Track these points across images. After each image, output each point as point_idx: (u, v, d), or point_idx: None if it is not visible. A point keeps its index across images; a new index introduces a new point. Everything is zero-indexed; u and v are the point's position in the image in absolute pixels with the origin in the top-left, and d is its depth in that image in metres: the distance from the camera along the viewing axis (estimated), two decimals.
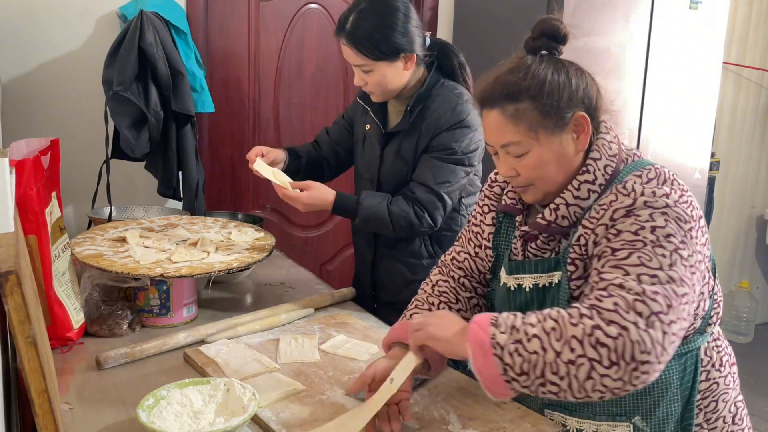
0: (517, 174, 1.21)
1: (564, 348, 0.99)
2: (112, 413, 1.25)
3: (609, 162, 1.20)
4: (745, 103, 4.16)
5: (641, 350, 0.97)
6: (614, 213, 1.12)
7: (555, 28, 1.21)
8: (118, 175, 2.32)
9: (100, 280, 1.61)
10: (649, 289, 1.01)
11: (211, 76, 2.75)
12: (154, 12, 2.22)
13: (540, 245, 1.24)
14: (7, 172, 1.05)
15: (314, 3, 2.93)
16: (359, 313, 1.79)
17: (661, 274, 1.03)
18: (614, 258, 1.07)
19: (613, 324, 0.99)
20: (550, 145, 1.17)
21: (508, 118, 1.17)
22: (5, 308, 0.90)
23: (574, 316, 1.02)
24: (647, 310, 0.99)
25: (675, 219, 1.08)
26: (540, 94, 1.15)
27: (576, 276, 1.18)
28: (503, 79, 1.18)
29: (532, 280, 1.24)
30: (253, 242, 1.83)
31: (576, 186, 1.19)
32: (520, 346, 1.02)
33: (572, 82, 1.17)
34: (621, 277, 1.04)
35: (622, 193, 1.14)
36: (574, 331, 1.00)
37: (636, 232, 1.08)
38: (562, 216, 1.19)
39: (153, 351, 1.48)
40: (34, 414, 0.93)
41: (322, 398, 1.30)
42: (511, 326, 1.04)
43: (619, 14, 2.72)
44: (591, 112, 1.19)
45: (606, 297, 1.02)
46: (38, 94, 2.41)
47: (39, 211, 1.38)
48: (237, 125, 2.90)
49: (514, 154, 1.19)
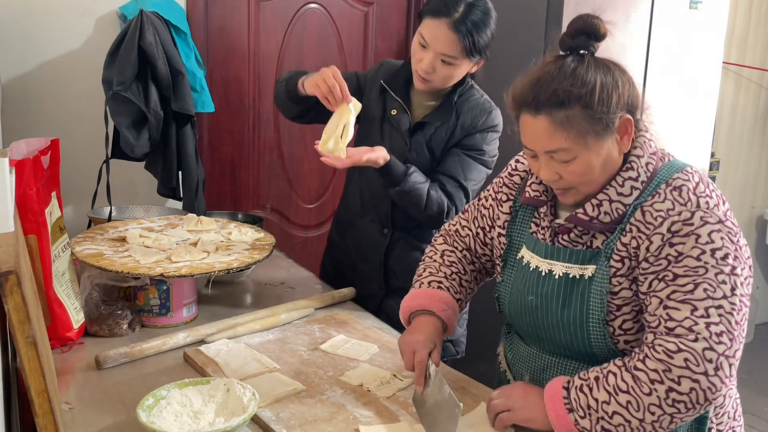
0: (560, 178, 1.20)
1: (645, 414, 1.08)
2: (112, 413, 1.25)
3: (650, 160, 1.20)
4: (745, 103, 4.16)
5: (713, 392, 1.07)
6: (672, 225, 1.13)
7: (594, 26, 1.18)
8: (118, 175, 2.32)
9: (100, 280, 1.61)
10: (715, 330, 1.07)
11: (211, 76, 2.75)
12: (154, 12, 2.22)
13: (573, 238, 1.24)
14: (7, 172, 1.05)
15: (314, 3, 2.93)
16: (359, 313, 1.79)
17: (725, 303, 1.09)
18: (680, 289, 1.11)
19: (684, 379, 1.06)
20: (598, 150, 1.16)
21: (557, 124, 1.14)
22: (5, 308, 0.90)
23: (645, 383, 1.08)
24: (715, 355, 1.07)
25: (728, 234, 1.12)
26: (591, 101, 1.13)
27: (620, 273, 1.19)
28: (549, 83, 1.15)
29: (563, 269, 1.24)
30: (253, 242, 1.83)
31: (620, 183, 1.18)
32: (605, 423, 1.10)
33: (619, 86, 1.16)
34: (690, 317, 1.09)
35: (678, 201, 1.14)
36: (650, 400, 1.08)
37: (698, 257, 1.10)
38: (605, 212, 1.19)
39: (153, 351, 1.48)
40: (34, 414, 0.93)
41: (322, 398, 1.30)
42: (587, 407, 1.12)
43: (619, 14, 2.72)
44: (633, 112, 1.19)
45: (676, 352, 1.07)
46: (38, 94, 2.41)
47: (39, 211, 1.38)
48: (237, 125, 2.90)
49: (561, 160, 1.17)
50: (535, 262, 1.29)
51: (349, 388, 1.35)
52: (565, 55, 1.19)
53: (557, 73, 1.15)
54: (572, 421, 1.12)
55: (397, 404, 1.29)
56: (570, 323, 1.23)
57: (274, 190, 3.03)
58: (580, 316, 1.21)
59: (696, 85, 3.13)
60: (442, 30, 1.70)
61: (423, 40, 1.73)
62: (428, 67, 1.74)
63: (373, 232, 1.95)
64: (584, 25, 1.18)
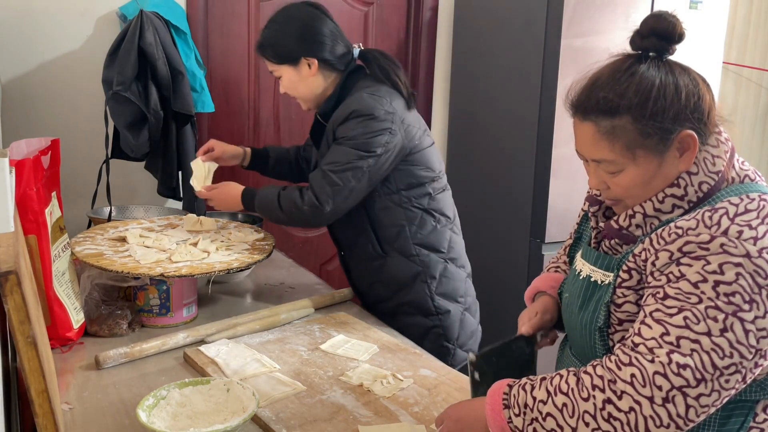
0: (608, 188, 1.11)
1: (579, 423, 0.99)
2: (112, 413, 1.25)
3: (707, 179, 1.06)
4: (745, 103, 4.15)
5: (656, 425, 0.95)
6: (686, 245, 1.00)
7: (670, 25, 1.06)
8: (118, 175, 2.32)
9: (100, 280, 1.61)
10: (678, 360, 0.95)
11: (211, 76, 2.75)
12: (154, 12, 2.22)
13: (613, 244, 1.16)
14: (7, 172, 1.05)
15: None
16: (359, 313, 1.79)
17: (705, 340, 0.95)
18: (663, 309, 0.99)
19: (625, 396, 0.96)
20: (648, 165, 1.05)
21: (602, 134, 1.05)
22: (5, 308, 0.90)
23: (586, 387, 1.00)
24: (667, 384, 0.94)
25: (751, 273, 0.95)
26: (643, 112, 1.02)
27: (626, 285, 1.10)
28: (601, 88, 1.05)
29: (589, 271, 1.19)
30: (253, 242, 1.83)
31: (660, 198, 1.07)
32: (538, 425, 1.02)
33: (682, 97, 1.03)
34: (657, 339, 0.98)
35: (704, 223, 1.00)
36: (585, 407, 0.99)
37: (696, 284, 0.97)
38: (636, 225, 1.10)
39: (152, 351, 1.48)
40: (34, 414, 0.93)
41: (322, 398, 1.30)
42: (523, 405, 1.04)
43: (619, 14, 2.72)
44: (701, 127, 1.05)
45: (627, 365, 0.98)
46: (38, 94, 2.41)
47: (39, 211, 1.38)
48: (237, 125, 2.90)
49: (607, 171, 1.09)
50: (576, 261, 1.26)
51: (349, 388, 1.35)
52: (630, 56, 1.08)
53: (612, 77, 1.05)
54: (506, 417, 1.05)
55: (397, 404, 1.29)
56: (582, 327, 1.19)
57: None
58: (589, 322, 1.17)
59: None
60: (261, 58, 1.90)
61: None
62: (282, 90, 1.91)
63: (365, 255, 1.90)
64: (657, 24, 1.07)
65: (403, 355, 1.52)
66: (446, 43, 3.17)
